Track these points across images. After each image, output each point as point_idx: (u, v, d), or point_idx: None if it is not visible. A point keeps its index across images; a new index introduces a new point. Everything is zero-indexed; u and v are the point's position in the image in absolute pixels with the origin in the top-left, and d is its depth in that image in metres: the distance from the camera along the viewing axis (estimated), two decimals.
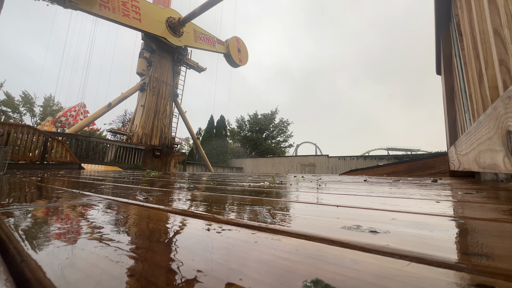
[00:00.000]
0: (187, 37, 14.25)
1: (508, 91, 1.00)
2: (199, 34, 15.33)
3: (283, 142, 28.35)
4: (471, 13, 1.85)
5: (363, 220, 0.55)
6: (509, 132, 0.98)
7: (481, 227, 0.49)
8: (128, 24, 11.50)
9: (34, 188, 1.34)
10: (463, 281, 0.24)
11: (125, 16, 11.34)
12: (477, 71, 1.74)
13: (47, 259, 0.31)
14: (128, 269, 0.28)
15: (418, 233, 0.43)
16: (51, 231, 0.45)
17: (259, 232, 0.44)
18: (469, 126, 2.25)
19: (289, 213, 0.65)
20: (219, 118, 23.37)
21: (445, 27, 3.34)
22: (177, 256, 0.32)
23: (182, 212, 0.65)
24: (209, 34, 16.11)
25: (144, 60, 13.20)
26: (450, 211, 0.68)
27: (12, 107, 25.41)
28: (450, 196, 1.06)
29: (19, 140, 6.41)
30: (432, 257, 0.31)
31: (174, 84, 14.88)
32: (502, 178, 2.18)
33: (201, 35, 15.36)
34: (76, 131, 10.97)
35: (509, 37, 1.20)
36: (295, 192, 1.28)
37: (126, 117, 25.05)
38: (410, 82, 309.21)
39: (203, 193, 1.17)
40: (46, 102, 28.18)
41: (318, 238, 0.40)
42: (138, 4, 11.92)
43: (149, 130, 12.87)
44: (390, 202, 0.86)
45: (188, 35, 14.33)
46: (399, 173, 4.84)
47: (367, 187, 1.64)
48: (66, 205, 0.76)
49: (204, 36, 15.57)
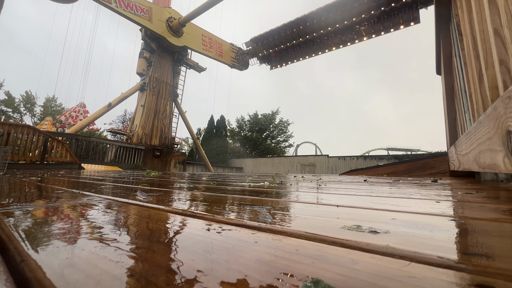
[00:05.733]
0: (187, 38, 14.20)
1: (508, 91, 1.00)
2: (206, 38, 15.18)
3: (283, 142, 28.36)
4: (471, 13, 1.85)
5: (363, 220, 0.55)
6: (509, 132, 0.98)
7: (481, 227, 0.49)
8: (132, 18, 11.50)
9: (34, 188, 1.34)
10: (463, 281, 0.24)
11: None
12: (477, 71, 1.74)
13: (47, 259, 0.31)
14: (128, 269, 0.28)
15: (418, 233, 0.43)
16: (51, 231, 0.45)
17: (259, 232, 0.44)
18: (469, 126, 2.25)
19: (289, 213, 0.65)
20: (219, 118, 23.37)
21: (445, 27, 3.34)
22: (177, 256, 0.32)
23: (182, 212, 0.65)
24: (220, 39, 15.94)
25: (144, 60, 13.21)
26: (450, 211, 0.68)
27: (12, 107, 25.42)
28: (450, 196, 1.06)
29: (19, 140, 6.41)
30: (432, 257, 0.31)
31: (174, 84, 14.88)
32: (502, 178, 2.18)
33: (207, 42, 15.20)
34: (76, 131, 10.97)
35: (509, 37, 1.20)
36: (295, 192, 1.28)
37: (126, 117, 25.05)
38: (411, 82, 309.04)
39: (203, 193, 1.17)
40: (47, 102, 28.20)
41: (318, 238, 0.40)
42: None
43: (149, 130, 12.88)
44: (390, 202, 0.86)
45: (188, 37, 14.29)
46: (399, 173, 4.84)
47: (367, 187, 1.64)
48: (66, 205, 0.76)
49: (211, 41, 15.44)
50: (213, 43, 15.66)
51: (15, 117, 25.90)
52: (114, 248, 0.35)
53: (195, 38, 14.71)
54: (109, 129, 15.88)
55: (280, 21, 17.59)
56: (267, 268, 0.28)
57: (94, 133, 22.61)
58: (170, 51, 14.37)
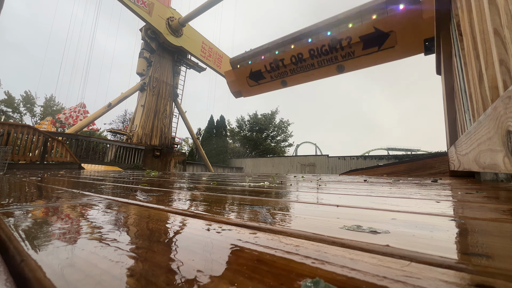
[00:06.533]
0: (186, 41, 14.13)
1: (508, 91, 1.00)
2: (206, 47, 15.00)
3: (283, 141, 28.37)
4: (471, 13, 1.85)
5: (363, 220, 0.55)
6: (509, 132, 0.98)
7: (481, 227, 0.49)
8: (131, 6, 11.46)
9: (34, 188, 1.34)
10: (463, 281, 0.24)
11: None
12: (477, 71, 1.74)
13: (47, 259, 0.31)
14: (128, 269, 0.28)
15: (418, 233, 0.43)
16: (51, 231, 0.45)
17: (259, 232, 0.44)
18: (469, 126, 2.25)
19: (289, 213, 0.65)
20: (219, 118, 23.38)
21: (445, 27, 3.34)
22: (177, 256, 0.32)
23: (182, 212, 0.65)
24: (221, 52, 15.69)
25: (144, 60, 13.21)
26: (450, 211, 0.68)
27: (12, 107, 25.43)
28: (450, 196, 1.06)
29: (19, 140, 6.41)
30: (432, 257, 0.31)
31: (174, 84, 14.88)
32: (502, 178, 2.18)
33: (206, 50, 15.02)
34: (76, 131, 10.97)
35: (509, 37, 1.20)
36: (295, 192, 1.28)
37: (126, 117, 25.06)
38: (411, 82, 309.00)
39: (203, 193, 1.17)
40: (47, 102, 28.21)
41: (318, 238, 0.40)
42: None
43: (149, 130, 12.88)
44: (390, 202, 0.86)
45: (188, 40, 14.23)
46: (399, 173, 4.84)
47: (367, 187, 1.64)
48: (66, 205, 0.76)
49: (210, 51, 15.27)
50: (212, 53, 15.58)
51: (15, 117, 25.91)
52: (114, 248, 0.35)
53: (194, 43, 14.68)
54: (109, 129, 15.88)
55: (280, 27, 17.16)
56: (267, 268, 0.28)
57: (94, 133, 22.63)
58: (170, 51, 14.37)
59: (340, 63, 8.51)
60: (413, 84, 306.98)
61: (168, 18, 13.22)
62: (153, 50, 13.53)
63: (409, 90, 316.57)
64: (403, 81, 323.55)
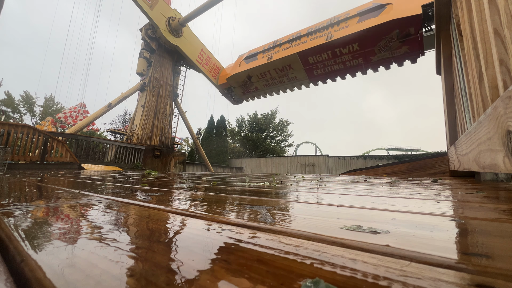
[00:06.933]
0: (183, 43, 14.04)
1: (508, 91, 1.00)
2: (204, 55, 14.74)
3: (282, 141, 28.38)
4: (471, 13, 1.85)
5: (363, 220, 0.55)
6: (509, 132, 0.98)
7: (481, 227, 0.49)
8: None
9: (34, 188, 1.34)
10: (463, 281, 0.24)
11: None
12: (477, 71, 1.74)
13: (47, 259, 0.31)
14: (128, 269, 0.28)
15: (418, 233, 0.43)
16: (51, 231, 0.45)
17: (259, 232, 0.44)
18: (469, 126, 2.25)
19: (289, 213, 0.65)
20: (219, 118, 23.38)
21: (445, 27, 3.34)
22: (177, 256, 0.32)
23: (182, 212, 0.65)
24: (219, 64, 15.43)
25: (144, 60, 13.20)
26: (450, 211, 0.68)
27: (12, 106, 25.42)
28: (450, 196, 1.06)
29: (19, 140, 6.41)
30: (432, 257, 0.31)
31: (174, 84, 14.87)
32: (502, 178, 2.19)
33: (204, 58, 14.74)
34: (76, 131, 10.96)
35: (509, 37, 1.20)
36: (295, 192, 1.28)
37: (126, 117, 25.06)
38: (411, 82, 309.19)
39: (203, 193, 1.17)
40: (46, 102, 28.20)
41: (318, 238, 0.40)
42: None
43: (149, 130, 12.88)
44: (390, 202, 0.86)
45: (186, 42, 14.12)
46: (399, 173, 4.84)
47: (367, 187, 1.64)
48: (66, 205, 0.76)
49: (208, 60, 15.08)
50: (210, 62, 15.30)
51: (15, 117, 25.91)
52: (114, 248, 0.35)
53: (192, 47, 14.49)
54: (109, 129, 15.87)
55: None
56: (267, 268, 0.28)
57: (94, 133, 22.62)
58: (170, 51, 14.35)
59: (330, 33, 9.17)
60: (413, 84, 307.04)
61: (169, 17, 13.20)
62: (153, 50, 13.52)
63: (409, 90, 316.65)
64: (403, 81, 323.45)
